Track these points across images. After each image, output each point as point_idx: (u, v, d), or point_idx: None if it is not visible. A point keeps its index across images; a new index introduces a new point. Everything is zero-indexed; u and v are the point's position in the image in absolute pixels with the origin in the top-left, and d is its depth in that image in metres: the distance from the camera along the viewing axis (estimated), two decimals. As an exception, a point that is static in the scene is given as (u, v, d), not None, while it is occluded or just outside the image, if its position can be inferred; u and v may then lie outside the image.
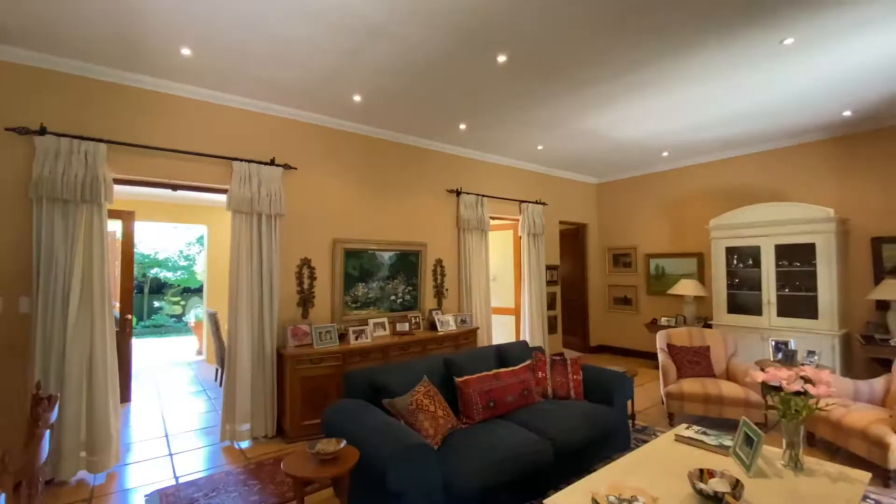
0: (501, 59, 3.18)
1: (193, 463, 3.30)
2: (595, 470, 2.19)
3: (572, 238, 7.38)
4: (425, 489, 2.14)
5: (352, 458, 2.20)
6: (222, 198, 3.82)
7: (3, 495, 0.97)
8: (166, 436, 3.85)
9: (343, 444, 2.25)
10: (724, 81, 3.62)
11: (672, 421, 3.86)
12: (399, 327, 4.45)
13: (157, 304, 13.44)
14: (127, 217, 4.98)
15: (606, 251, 7.28)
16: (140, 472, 3.14)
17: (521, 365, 3.43)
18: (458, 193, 5.33)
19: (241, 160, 3.76)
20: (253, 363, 3.72)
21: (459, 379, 3.05)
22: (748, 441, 2.14)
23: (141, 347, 9.04)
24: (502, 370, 3.27)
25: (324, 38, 2.86)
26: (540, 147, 5.42)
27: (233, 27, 2.73)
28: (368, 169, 4.64)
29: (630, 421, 3.80)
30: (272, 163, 3.92)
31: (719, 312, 5.20)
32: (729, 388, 3.67)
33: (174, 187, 3.80)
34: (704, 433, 2.49)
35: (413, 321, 4.60)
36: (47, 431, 1.37)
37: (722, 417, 3.65)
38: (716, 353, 4.19)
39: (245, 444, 3.61)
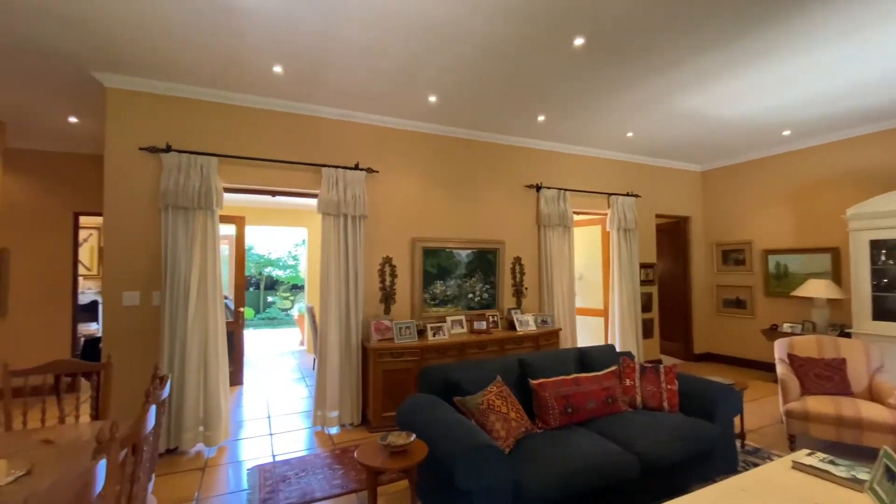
0: (578, 42, 2.98)
1: (289, 444, 3.62)
2: (690, 492, 1.93)
3: (672, 233, 6.71)
4: (494, 492, 2.08)
5: (420, 453, 2.23)
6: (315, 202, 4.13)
7: (105, 460, 1.13)
8: (269, 417, 4.29)
9: (412, 437, 2.29)
10: (863, 38, 2.98)
11: (793, 444, 3.29)
12: (476, 325, 4.42)
13: (270, 299, 15.12)
14: (239, 222, 5.66)
15: (714, 247, 6.47)
16: (246, 448, 3.54)
17: (606, 370, 3.19)
18: (538, 188, 5.14)
19: (329, 166, 4.03)
20: (341, 355, 3.97)
21: (535, 381, 2.92)
22: (890, 475, 1.72)
23: (257, 337, 10.24)
24: (583, 375, 3.06)
25: (392, 42, 2.94)
26: (630, 134, 5.00)
27: (314, 42, 2.92)
28: (446, 168, 4.69)
29: (738, 440, 3.33)
30: (356, 167, 4.14)
31: (861, 319, 4.32)
32: (871, 410, 3.02)
33: (273, 193, 4.22)
34: (832, 462, 2.07)
35: (491, 320, 4.54)
36: (153, 406, 1.58)
37: (860, 445, 3.02)
38: (854, 368, 3.48)
39: (334, 430, 3.87)
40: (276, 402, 4.80)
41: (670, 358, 6.52)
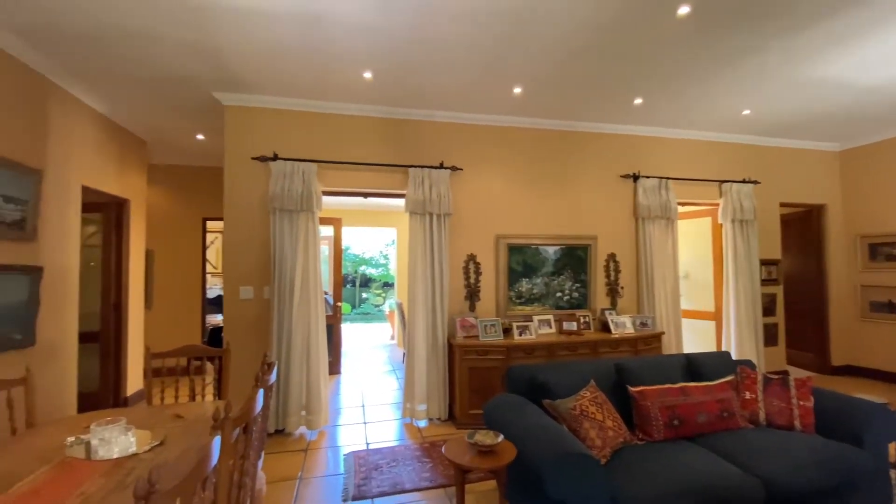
0: (683, 10, 2.66)
1: (380, 433, 3.77)
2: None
3: (801, 224, 5.77)
4: (588, 504, 1.93)
5: (509, 454, 2.16)
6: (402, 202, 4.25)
7: (220, 437, 1.24)
8: (363, 406, 4.52)
9: (500, 438, 2.23)
10: None
11: (983, 486, 2.61)
12: (566, 326, 4.20)
13: (364, 295, 16.07)
14: (336, 223, 6.05)
15: (858, 240, 5.43)
16: (343, 434, 3.76)
17: (720, 381, 2.82)
18: (636, 178, 4.74)
19: (415, 166, 4.12)
20: (428, 350, 4.03)
21: (634, 389, 2.68)
22: None
23: (353, 330, 10.92)
24: (692, 384, 2.74)
25: (477, 34, 2.88)
26: (746, 112, 4.39)
27: (402, 44, 2.99)
28: (531, 162, 4.53)
29: (894, 472, 2.73)
30: (441, 166, 4.18)
31: None
32: None
33: (365, 195, 4.44)
34: None
35: (582, 320, 4.29)
36: (261, 390, 1.72)
37: None
38: None
39: (422, 424, 3.94)
40: (369, 392, 5.05)
41: (799, 370, 5.62)
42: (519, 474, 2.26)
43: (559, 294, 4.51)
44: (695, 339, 5.31)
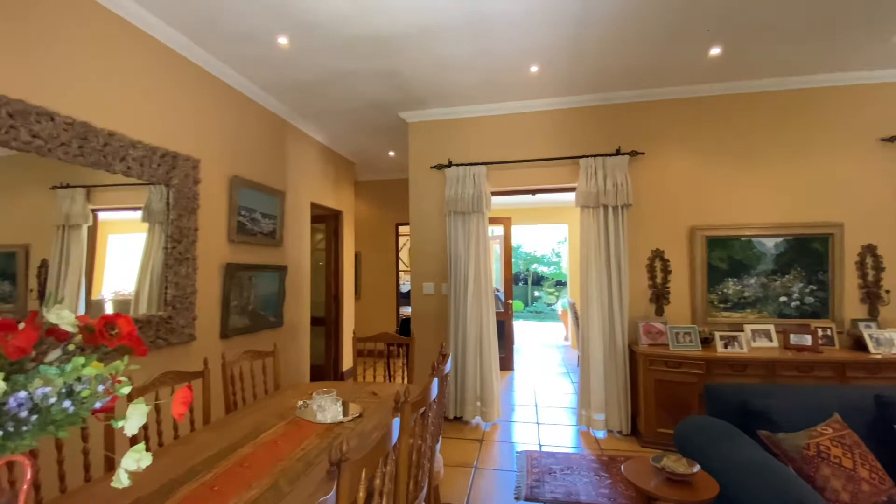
0: None
1: (553, 436, 3.65)
2: None
3: None
4: (832, 578, 1.46)
5: (708, 490, 1.80)
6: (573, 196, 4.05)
7: (398, 419, 1.37)
8: (535, 406, 4.46)
9: (696, 468, 1.87)
10: None
11: None
12: (794, 340, 3.31)
13: (537, 293, 15.97)
14: (506, 222, 6.16)
15: None
16: (516, 430, 3.79)
17: None
18: (909, 142, 3.42)
19: (586, 156, 3.85)
20: (605, 355, 3.72)
21: (911, 432, 1.93)
22: None
23: (525, 328, 10.97)
24: None
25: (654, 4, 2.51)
26: None
27: (570, 29, 2.83)
28: (737, 134, 3.72)
29: None
30: (617, 153, 3.81)
31: None
32: None
33: (533, 192, 4.38)
34: None
35: (820, 333, 3.31)
36: (436, 379, 1.84)
37: None
38: None
39: (600, 434, 3.66)
40: (542, 392, 4.96)
41: None
42: (723, 515, 1.87)
43: (783, 299, 3.58)
44: None
